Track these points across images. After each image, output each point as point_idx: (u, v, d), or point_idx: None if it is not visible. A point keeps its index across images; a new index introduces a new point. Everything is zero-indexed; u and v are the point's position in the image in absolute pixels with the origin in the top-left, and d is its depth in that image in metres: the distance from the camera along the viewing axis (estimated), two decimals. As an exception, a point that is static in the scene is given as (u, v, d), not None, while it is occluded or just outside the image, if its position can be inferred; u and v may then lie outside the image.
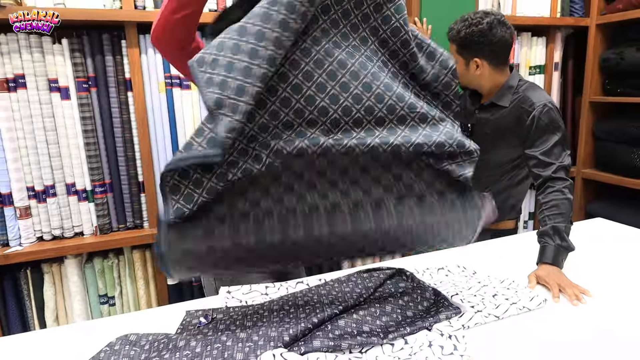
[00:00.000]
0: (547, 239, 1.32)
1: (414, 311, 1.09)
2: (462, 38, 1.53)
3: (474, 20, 1.51)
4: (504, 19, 1.53)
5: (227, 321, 1.00)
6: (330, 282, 1.20)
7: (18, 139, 1.64)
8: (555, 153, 1.45)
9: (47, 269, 1.77)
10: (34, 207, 1.71)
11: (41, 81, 1.64)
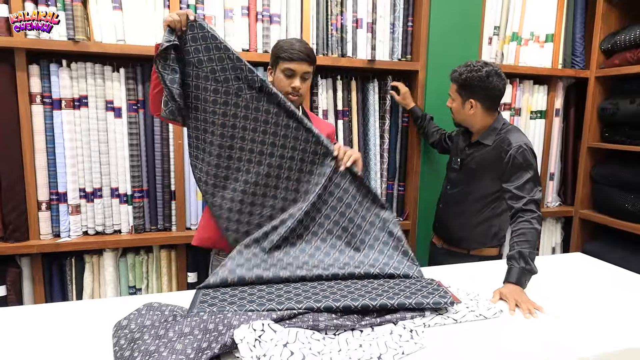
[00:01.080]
0: (513, 262, 1.53)
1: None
2: (462, 80, 1.79)
3: (475, 67, 1.78)
4: (500, 71, 1.80)
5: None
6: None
7: (77, 148, 1.97)
8: (527, 188, 1.67)
9: (89, 259, 2.07)
10: (83, 206, 2.03)
11: (100, 102, 1.98)
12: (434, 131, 2.27)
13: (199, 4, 2.04)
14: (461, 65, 1.83)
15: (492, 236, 1.94)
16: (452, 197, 2.00)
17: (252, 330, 1.06)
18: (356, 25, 2.28)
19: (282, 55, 1.53)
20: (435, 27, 2.32)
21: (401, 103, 2.34)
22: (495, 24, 2.55)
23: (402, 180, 2.50)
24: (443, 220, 2.05)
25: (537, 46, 2.64)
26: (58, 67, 1.92)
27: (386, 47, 2.36)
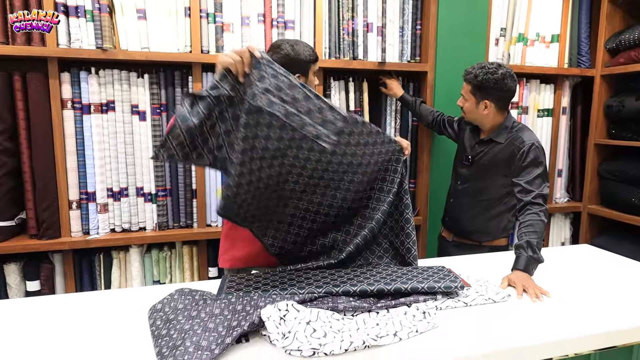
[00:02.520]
0: (521, 251, 1.60)
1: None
2: (478, 82, 1.86)
3: (490, 69, 1.84)
4: (513, 73, 1.88)
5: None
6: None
7: (104, 150, 2.10)
8: (537, 183, 1.75)
9: (116, 255, 2.19)
10: (110, 205, 2.15)
11: (126, 106, 2.10)
12: (427, 114, 2.35)
13: (218, 12, 2.15)
14: (475, 66, 1.89)
15: (502, 229, 2.02)
16: (463, 192, 2.07)
17: (278, 310, 1.15)
18: (367, 29, 2.37)
19: (311, 59, 1.60)
20: (443, 30, 2.40)
21: (390, 94, 2.42)
22: (501, 26, 2.63)
23: (413, 177, 2.58)
24: (454, 214, 2.13)
25: (543, 46, 2.71)
26: (87, 74, 2.04)
27: (396, 50, 2.45)
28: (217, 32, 2.16)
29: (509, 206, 2.00)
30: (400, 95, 2.39)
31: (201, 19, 2.13)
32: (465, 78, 1.92)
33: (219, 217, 2.30)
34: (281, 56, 1.56)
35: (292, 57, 1.59)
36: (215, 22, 2.15)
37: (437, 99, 2.44)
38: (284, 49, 1.57)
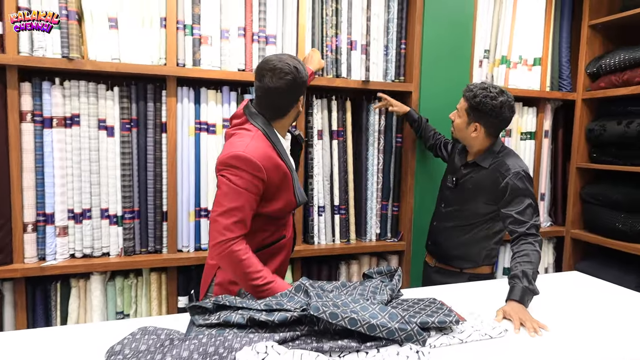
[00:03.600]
0: (516, 281, 1.51)
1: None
2: (475, 102, 1.77)
3: (491, 93, 1.76)
4: (513, 103, 1.80)
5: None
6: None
7: (67, 167, 1.92)
8: (528, 213, 1.68)
9: (75, 284, 1.99)
10: (70, 228, 1.96)
11: (92, 120, 1.94)
12: (430, 135, 2.27)
13: (196, 24, 2.04)
14: (477, 84, 1.81)
15: (485, 256, 1.93)
16: (446, 216, 1.99)
17: (256, 352, 1.01)
18: (350, 47, 2.30)
19: (306, 81, 1.51)
20: (428, 50, 2.36)
21: (395, 110, 2.33)
22: (485, 47, 2.61)
23: (397, 200, 2.49)
24: (437, 238, 2.03)
25: (525, 69, 2.70)
26: (50, 85, 1.88)
27: (380, 69, 2.38)
28: (194, 45, 2.05)
29: (491, 233, 1.92)
30: (407, 112, 2.31)
31: (178, 30, 2.01)
32: (464, 94, 1.83)
33: (190, 242, 2.13)
34: (286, 82, 1.43)
35: (298, 80, 1.46)
36: (192, 34, 2.04)
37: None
38: (288, 72, 1.43)
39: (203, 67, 2.06)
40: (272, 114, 1.50)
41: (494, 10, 2.62)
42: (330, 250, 2.32)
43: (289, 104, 1.51)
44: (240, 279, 1.39)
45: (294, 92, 1.49)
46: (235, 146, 1.41)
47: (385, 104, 2.32)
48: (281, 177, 1.48)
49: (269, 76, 1.43)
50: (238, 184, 1.38)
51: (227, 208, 1.37)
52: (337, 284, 1.53)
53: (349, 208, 2.41)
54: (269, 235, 1.57)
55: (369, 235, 2.46)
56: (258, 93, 1.49)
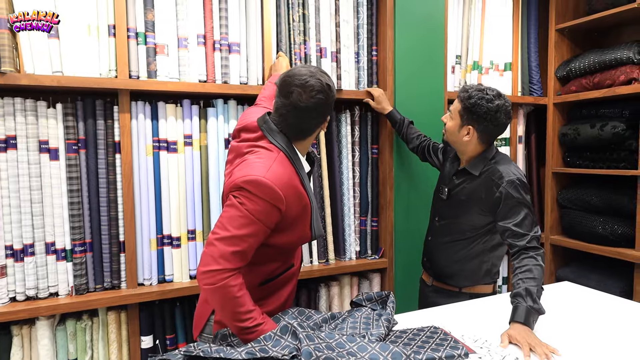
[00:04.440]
0: (519, 300, 1.39)
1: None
2: (470, 104, 1.64)
3: (487, 96, 1.63)
4: (510, 110, 1.67)
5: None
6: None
7: (2, 197, 1.66)
8: (527, 225, 1.56)
9: (17, 332, 1.71)
10: (10, 267, 1.69)
11: (32, 142, 1.69)
12: (414, 137, 2.13)
13: (149, 32, 1.84)
14: (473, 86, 1.68)
15: (485, 273, 1.80)
16: (440, 230, 1.85)
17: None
18: (320, 55, 2.16)
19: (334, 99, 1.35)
20: (401, 56, 2.25)
21: (377, 108, 2.19)
22: (457, 53, 2.54)
23: (375, 215, 2.35)
24: (432, 255, 1.89)
25: (497, 74, 2.66)
26: (-21, 104, 1.63)
27: (352, 77, 2.26)
28: (148, 55, 1.84)
29: (490, 246, 1.79)
30: (389, 112, 2.17)
31: (129, 39, 1.80)
32: (459, 95, 1.70)
33: (153, 274, 1.90)
34: (318, 101, 1.26)
35: (330, 99, 1.30)
36: (146, 43, 1.84)
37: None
38: (320, 89, 1.25)
39: (160, 78, 1.86)
40: (294, 134, 1.32)
41: (464, 15, 2.56)
42: (309, 273, 2.14)
43: (315, 125, 1.34)
44: (228, 317, 1.20)
45: (324, 113, 1.32)
46: (255, 168, 1.22)
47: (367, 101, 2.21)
48: (301, 208, 1.31)
49: (297, 93, 1.25)
50: (251, 211, 1.19)
51: (231, 235, 1.18)
52: (326, 316, 1.36)
53: (325, 225, 2.24)
54: (280, 265, 1.41)
55: (348, 254, 2.30)
56: (282, 110, 1.30)
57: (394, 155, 2.28)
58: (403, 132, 2.16)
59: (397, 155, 2.28)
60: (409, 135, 2.15)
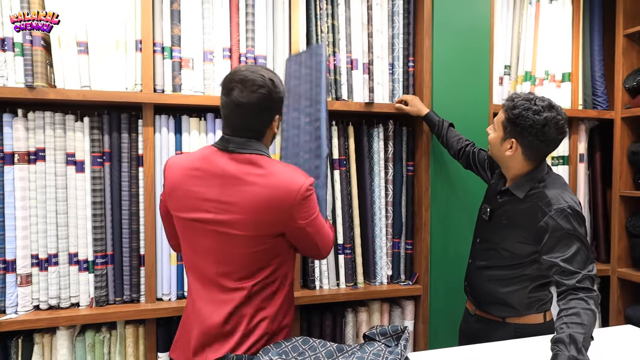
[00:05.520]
0: (561, 347, 1.18)
1: None
2: (514, 114, 1.45)
3: (536, 106, 1.43)
4: (563, 123, 1.45)
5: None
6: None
7: (30, 207, 1.72)
8: (578, 261, 1.33)
9: (39, 340, 1.75)
10: (35, 275, 1.74)
11: (59, 155, 1.74)
12: (454, 140, 1.94)
13: (175, 46, 1.84)
14: (522, 95, 1.48)
15: (533, 302, 1.56)
16: (480, 253, 1.65)
17: None
18: (351, 67, 2.06)
19: (283, 98, 1.29)
20: (439, 67, 2.09)
21: (413, 112, 2.03)
22: (505, 63, 2.33)
23: (410, 237, 2.18)
24: (472, 279, 1.69)
25: (553, 86, 2.40)
26: (12, 117, 1.70)
27: (386, 89, 2.13)
28: (174, 69, 1.85)
29: (535, 274, 1.55)
30: (425, 114, 2.01)
31: (155, 53, 1.81)
32: (504, 104, 1.51)
33: (172, 289, 1.88)
34: (260, 95, 1.20)
35: (273, 95, 1.23)
36: (172, 57, 1.84)
37: (435, 143, 2.09)
38: (262, 84, 1.20)
39: (184, 92, 1.85)
40: (246, 136, 1.25)
41: (514, 21, 2.35)
42: (334, 297, 2.02)
43: (263, 125, 1.26)
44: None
45: (270, 109, 1.24)
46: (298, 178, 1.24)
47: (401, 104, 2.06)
48: None
49: (238, 89, 1.19)
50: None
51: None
52: (332, 349, 1.24)
53: (354, 247, 2.11)
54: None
55: (379, 278, 2.15)
56: (225, 111, 1.24)
57: (430, 173, 2.10)
58: (443, 134, 1.98)
59: (434, 172, 2.11)
60: (449, 139, 1.96)
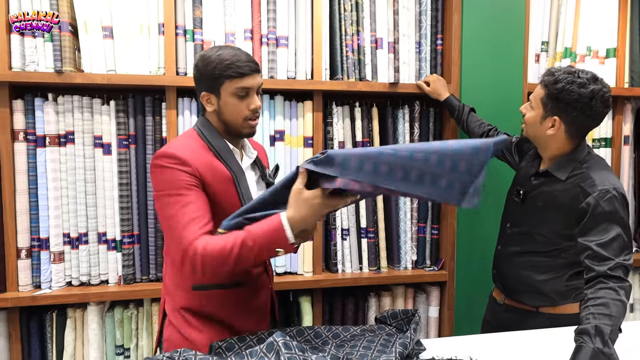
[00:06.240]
0: (585, 339, 1.11)
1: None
2: (556, 89, 1.36)
3: (580, 79, 1.35)
4: (609, 96, 1.37)
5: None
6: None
7: (61, 188, 1.79)
8: (615, 247, 1.25)
9: (71, 314, 1.84)
10: (67, 253, 1.82)
11: (87, 137, 1.80)
12: (476, 125, 1.87)
13: (197, 29, 1.85)
14: (562, 68, 1.39)
15: (569, 290, 1.48)
16: (512, 239, 1.57)
17: None
18: (375, 46, 2.00)
19: (228, 73, 1.19)
20: (469, 44, 2.00)
21: (432, 94, 1.96)
22: (543, 39, 2.19)
23: (436, 222, 2.12)
24: (502, 266, 1.62)
25: (596, 62, 2.23)
26: (43, 102, 1.77)
27: (412, 69, 2.05)
28: (196, 51, 1.85)
29: (571, 262, 1.47)
30: (446, 98, 1.94)
31: (177, 36, 1.83)
32: (542, 79, 1.42)
33: (195, 269, 1.91)
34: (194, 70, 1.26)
35: (200, 70, 1.24)
36: (194, 39, 1.85)
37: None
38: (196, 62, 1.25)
39: (206, 75, 1.86)
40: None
41: (553, -6, 2.19)
42: (356, 281, 2.00)
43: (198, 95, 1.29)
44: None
45: (198, 84, 1.27)
46: (166, 147, 1.25)
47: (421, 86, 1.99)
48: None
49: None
50: None
51: None
52: (339, 330, 1.22)
53: (378, 231, 2.07)
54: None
55: (403, 263, 2.11)
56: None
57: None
58: (463, 120, 1.90)
59: (462, 156, 2.02)
60: (470, 124, 1.88)
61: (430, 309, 2.14)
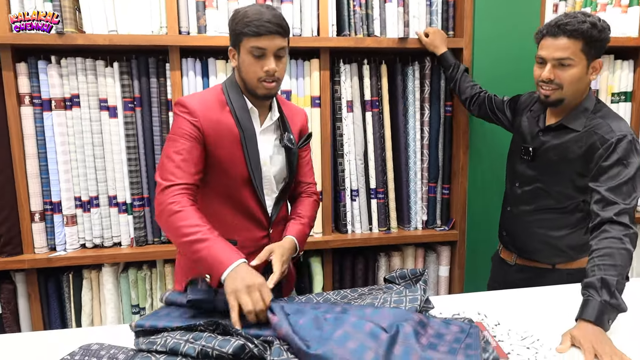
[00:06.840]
0: (592, 292, 1.10)
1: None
2: (597, 33, 1.30)
3: (603, 23, 1.32)
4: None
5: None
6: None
7: (70, 152, 1.79)
8: (624, 192, 1.23)
9: (87, 275, 1.88)
10: (79, 216, 1.84)
11: (93, 100, 1.78)
12: (468, 86, 1.84)
13: (198, -15, 1.79)
14: (576, 14, 1.32)
15: (586, 244, 1.44)
16: (523, 198, 1.54)
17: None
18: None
19: (245, 31, 1.16)
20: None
21: (429, 47, 1.90)
22: (561, -13, 2.08)
23: (447, 181, 2.09)
24: (514, 227, 1.59)
25: (618, 11, 2.11)
26: (46, 64, 1.75)
27: (422, 23, 1.97)
28: (198, 9, 1.80)
29: (587, 215, 1.43)
30: (442, 53, 1.89)
31: (178, -7, 1.77)
32: (571, 31, 1.29)
33: (206, 231, 1.93)
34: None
35: (229, 24, 1.24)
36: (206, 39, 1.78)
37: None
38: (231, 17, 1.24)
39: (209, 33, 1.81)
40: None
41: (574, -62, 2.06)
42: (366, 241, 2.00)
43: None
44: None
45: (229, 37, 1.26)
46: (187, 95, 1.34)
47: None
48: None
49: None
50: None
51: None
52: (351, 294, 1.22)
53: (387, 191, 2.05)
54: None
55: (413, 223, 2.10)
56: None
57: (469, 114, 1.97)
58: (457, 78, 1.86)
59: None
60: (462, 83, 1.85)
61: (440, 269, 2.14)
